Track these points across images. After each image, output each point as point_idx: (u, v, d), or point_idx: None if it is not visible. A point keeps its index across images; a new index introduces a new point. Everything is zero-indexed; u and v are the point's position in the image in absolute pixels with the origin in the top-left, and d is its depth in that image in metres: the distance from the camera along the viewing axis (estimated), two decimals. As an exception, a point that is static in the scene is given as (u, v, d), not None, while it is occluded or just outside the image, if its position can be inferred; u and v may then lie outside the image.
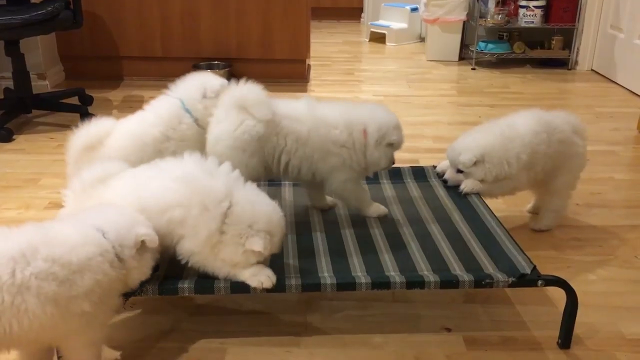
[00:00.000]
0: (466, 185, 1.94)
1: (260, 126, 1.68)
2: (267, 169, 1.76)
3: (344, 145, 1.73)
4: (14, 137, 2.94)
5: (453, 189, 2.00)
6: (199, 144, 1.87)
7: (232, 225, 1.40)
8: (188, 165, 1.48)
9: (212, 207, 1.40)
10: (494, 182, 1.95)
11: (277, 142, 1.71)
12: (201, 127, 1.88)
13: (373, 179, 2.10)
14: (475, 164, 1.92)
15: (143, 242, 1.33)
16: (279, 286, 1.47)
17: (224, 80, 1.91)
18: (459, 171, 1.96)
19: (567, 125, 2.05)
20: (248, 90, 1.73)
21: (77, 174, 1.67)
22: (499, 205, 2.20)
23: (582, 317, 1.55)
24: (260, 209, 1.44)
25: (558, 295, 1.52)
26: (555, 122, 2.03)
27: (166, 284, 1.46)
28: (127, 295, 1.43)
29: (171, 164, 1.51)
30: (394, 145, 1.77)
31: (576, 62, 4.45)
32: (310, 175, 1.76)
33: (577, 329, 1.54)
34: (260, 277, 1.44)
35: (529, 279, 1.49)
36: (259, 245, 1.39)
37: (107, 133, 1.82)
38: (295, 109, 1.76)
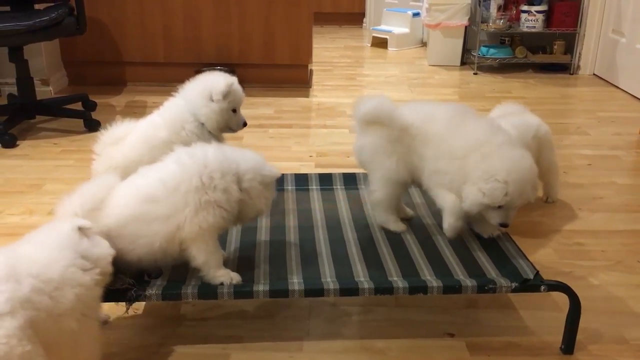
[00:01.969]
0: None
1: (395, 131, 1.72)
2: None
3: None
4: (18, 142, 2.95)
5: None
6: None
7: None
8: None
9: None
10: None
11: (409, 143, 1.73)
12: (209, 131, 1.88)
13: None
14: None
15: None
16: (282, 291, 1.48)
17: (230, 80, 1.88)
18: None
19: (524, 118, 2.24)
20: (375, 106, 1.74)
21: (101, 168, 1.82)
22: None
23: (585, 322, 1.55)
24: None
25: (561, 300, 1.52)
26: (522, 122, 2.19)
27: (169, 289, 1.47)
28: (129, 301, 1.44)
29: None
30: None
31: (578, 67, 4.45)
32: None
33: (580, 335, 1.54)
34: (231, 274, 1.50)
35: (532, 284, 1.49)
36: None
37: (127, 133, 1.88)
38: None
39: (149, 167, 1.52)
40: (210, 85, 1.87)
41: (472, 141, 1.63)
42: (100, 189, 1.46)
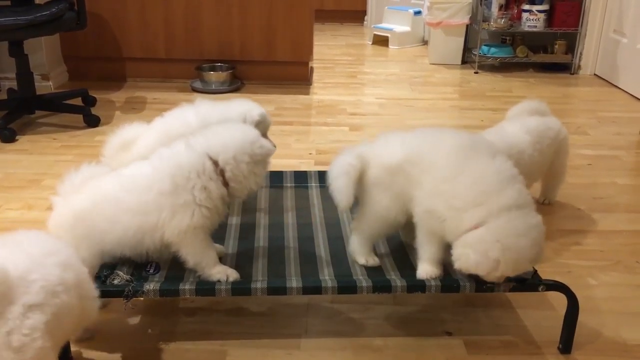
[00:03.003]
0: None
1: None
2: None
3: None
4: (17, 137, 2.95)
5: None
6: None
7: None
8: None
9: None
10: None
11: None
12: None
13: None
14: None
15: None
16: (280, 289, 1.48)
17: (262, 111, 1.91)
18: None
19: (544, 120, 2.17)
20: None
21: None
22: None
23: (583, 322, 1.55)
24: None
25: (559, 300, 1.52)
26: (540, 126, 2.13)
27: (167, 285, 1.47)
28: (127, 297, 1.44)
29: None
30: None
31: (579, 67, 4.45)
32: None
33: (578, 334, 1.54)
34: (227, 271, 1.50)
35: (530, 284, 1.49)
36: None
37: (138, 136, 1.86)
38: None
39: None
40: (245, 111, 1.88)
41: (474, 193, 1.41)
42: (82, 173, 1.55)
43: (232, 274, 1.50)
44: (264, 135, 1.91)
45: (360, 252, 1.61)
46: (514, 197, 1.39)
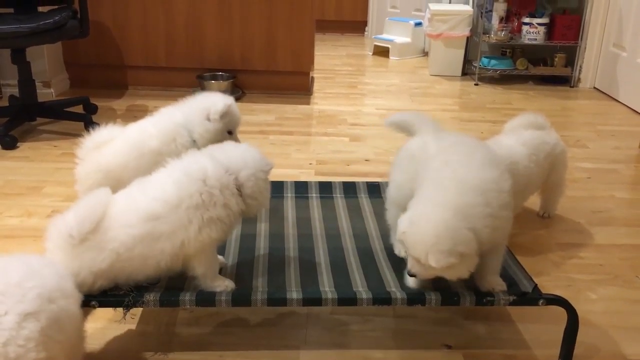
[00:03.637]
0: None
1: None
2: None
3: None
4: (18, 144, 2.95)
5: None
6: None
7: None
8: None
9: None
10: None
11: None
12: (199, 148, 1.87)
13: (375, 194, 2.11)
14: None
15: None
16: (280, 300, 1.48)
17: (228, 101, 1.87)
18: None
19: (540, 133, 2.18)
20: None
21: (84, 172, 1.82)
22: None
23: (582, 336, 1.55)
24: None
25: (559, 314, 1.52)
26: (535, 139, 2.15)
27: (167, 295, 1.46)
28: (127, 306, 1.43)
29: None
30: None
31: (579, 80, 4.47)
32: None
33: (578, 349, 1.54)
34: (226, 282, 1.50)
35: (530, 298, 1.49)
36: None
37: (113, 138, 1.86)
38: None
39: (146, 181, 1.48)
40: (208, 105, 1.85)
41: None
42: (96, 207, 1.39)
43: (230, 285, 1.51)
44: (233, 131, 1.91)
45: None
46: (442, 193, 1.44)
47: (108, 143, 1.85)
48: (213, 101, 1.87)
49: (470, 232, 1.35)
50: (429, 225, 1.36)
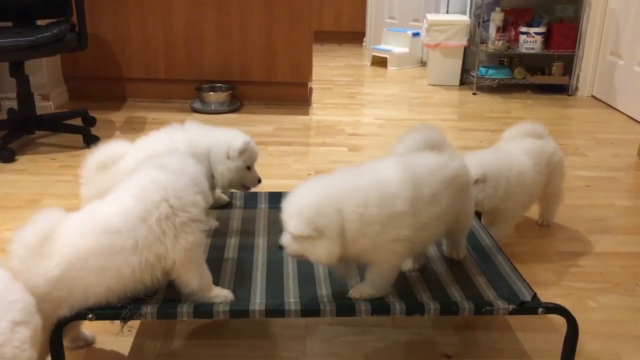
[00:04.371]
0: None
1: None
2: None
3: None
4: (17, 157, 2.96)
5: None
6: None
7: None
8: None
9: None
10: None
11: None
12: (213, 183, 1.84)
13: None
14: (476, 182, 1.93)
15: None
16: (278, 311, 1.47)
17: (247, 139, 1.85)
18: None
19: (539, 143, 2.18)
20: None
21: (90, 194, 1.72)
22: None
23: (582, 345, 1.54)
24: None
25: (558, 322, 1.51)
26: (537, 149, 2.14)
27: (165, 307, 1.46)
28: (124, 319, 1.43)
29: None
30: None
31: (576, 88, 4.48)
32: None
33: (578, 358, 1.53)
34: (224, 293, 1.50)
35: (530, 307, 1.48)
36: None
37: (120, 155, 1.79)
38: None
39: (103, 200, 1.46)
40: (229, 141, 1.83)
41: None
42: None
43: (230, 296, 1.50)
44: (251, 166, 1.90)
45: None
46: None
47: (116, 161, 1.77)
48: (235, 136, 1.85)
49: (336, 213, 1.37)
50: (300, 196, 1.41)
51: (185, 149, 1.77)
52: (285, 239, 1.42)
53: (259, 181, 1.93)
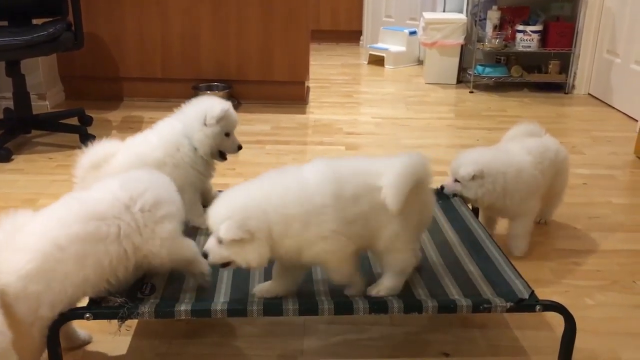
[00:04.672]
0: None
1: None
2: None
3: None
4: (13, 157, 2.95)
5: (451, 213, 2.01)
6: (194, 172, 1.87)
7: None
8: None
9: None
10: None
11: None
12: (201, 156, 1.87)
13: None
14: (473, 178, 1.95)
15: None
16: (277, 310, 1.47)
17: (225, 105, 1.87)
18: (457, 181, 2.00)
19: (544, 142, 2.17)
20: None
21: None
22: (496, 230, 2.20)
23: (580, 342, 1.54)
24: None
25: (556, 320, 1.51)
26: (540, 147, 2.12)
27: (162, 306, 1.45)
28: (122, 318, 1.42)
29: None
30: None
31: (573, 86, 4.48)
32: None
33: (576, 355, 1.53)
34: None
35: (527, 304, 1.49)
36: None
37: (112, 153, 1.83)
38: None
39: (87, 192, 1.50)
40: (204, 110, 1.85)
41: None
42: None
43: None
44: (231, 133, 1.92)
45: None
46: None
47: (108, 159, 1.81)
48: (208, 105, 1.87)
49: (264, 214, 1.37)
50: (227, 201, 1.40)
51: (172, 138, 1.85)
52: (210, 246, 1.40)
53: (239, 147, 1.95)
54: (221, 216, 1.37)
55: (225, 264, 1.41)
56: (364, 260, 1.67)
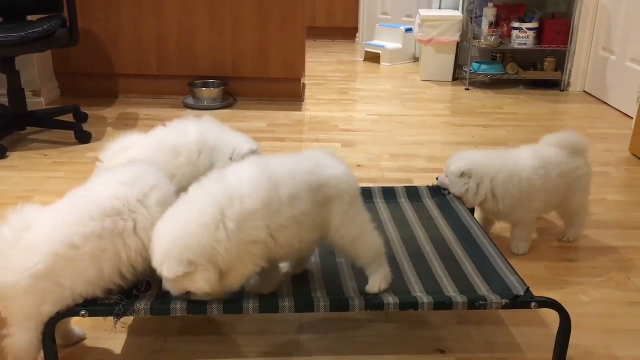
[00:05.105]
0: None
1: None
2: None
3: None
4: (8, 154, 2.94)
5: (447, 210, 2.01)
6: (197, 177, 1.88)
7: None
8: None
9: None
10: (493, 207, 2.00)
11: None
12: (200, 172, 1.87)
13: (367, 199, 2.10)
14: (461, 176, 1.98)
15: None
16: (273, 307, 1.47)
17: (254, 147, 1.86)
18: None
19: (564, 153, 2.07)
20: None
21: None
22: (496, 230, 2.21)
23: (575, 339, 1.55)
24: None
25: (551, 317, 1.52)
26: (553, 156, 2.05)
27: (158, 304, 1.45)
28: (117, 316, 1.42)
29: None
30: None
31: (569, 84, 4.49)
32: None
33: (571, 352, 1.54)
34: None
35: (523, 301, 1.49)
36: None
37: (136, 143, 1.86)
38: None
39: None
40: (234, 146, 1.85)
41: None
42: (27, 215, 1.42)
43: None
44: None
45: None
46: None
47: (132, 147, 1.84)
48: (242, 141, 1.87)
49: (198, 241, 1.33)
50: (160, 240, 1.36)
51: (195, 140, 1.83)
52: (167, 286, 1.39)
53: None
54: (160, 258, 1.35)
55: (188, 293, 1.41)
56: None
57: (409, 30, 5.31)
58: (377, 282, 1.54)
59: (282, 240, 1.43)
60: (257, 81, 3.99)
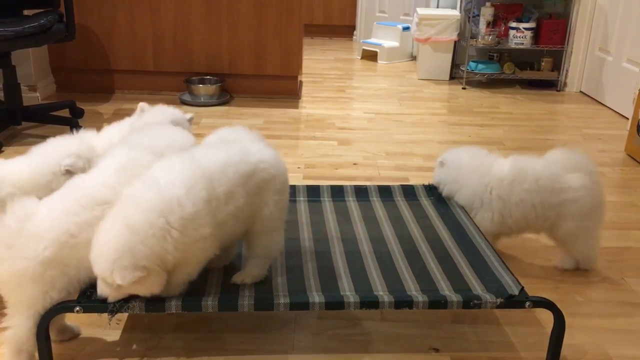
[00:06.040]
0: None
1: None
2: None
3: None
4: (3, 149, 2.92)
5: (443, 209, 2.01)
6: None
7: None
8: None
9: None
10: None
11: None
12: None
13: (363, 197, 2.10)
14: (440, 164, 2.06)
15: None
16: (268, 304, 1.47)
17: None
18: None
19: (550, 172, 1.90)
20: None
21: None
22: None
23: (569, 339, 1.55)
24: None
25: (546, 316, 1.52)
26: (533, 171, 1.91)
27: (153, 300, 1.45)
28: (112, 312, 1.42)
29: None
30: None
31: (565, 84, 4.50)
32: None
33: (565, 351, 1.54)
34: None
35: (517, 300, 1.49)
36: None
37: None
38: None
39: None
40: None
41: None
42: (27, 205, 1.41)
43: None
44: None
45: None
46: None
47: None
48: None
49: (146, 244, 1.32)
50: (106, 248, 1.33)
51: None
52: (106, 293, 1.37)
53: None
54: (107, 265, 1.32)
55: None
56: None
57: (406, 28, 5.31)
58: (247, 275, 1.55)
59: (220, 236, 1.45)
60: (253, 78, 3.98)
